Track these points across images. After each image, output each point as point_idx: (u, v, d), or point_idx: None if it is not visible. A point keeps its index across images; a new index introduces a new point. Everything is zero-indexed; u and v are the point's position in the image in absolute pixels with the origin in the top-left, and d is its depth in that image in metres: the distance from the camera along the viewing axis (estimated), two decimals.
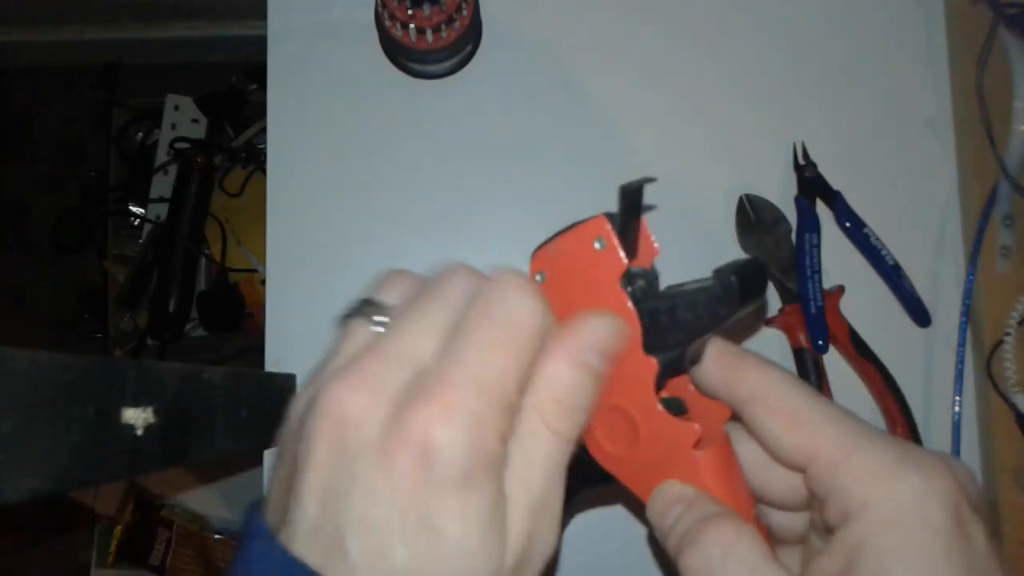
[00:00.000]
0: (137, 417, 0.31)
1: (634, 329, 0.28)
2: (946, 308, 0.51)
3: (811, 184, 0.52)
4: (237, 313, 1.11)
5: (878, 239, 0.51)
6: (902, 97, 0.54)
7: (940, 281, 0.52)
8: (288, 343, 0.52)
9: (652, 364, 0.27)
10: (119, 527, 0.96)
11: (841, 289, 0.51)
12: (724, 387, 0.28)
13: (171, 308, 1.10)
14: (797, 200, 0.52)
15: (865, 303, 0.51)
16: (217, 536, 0.96)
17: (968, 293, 0.50)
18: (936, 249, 0.52)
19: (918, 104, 0.54)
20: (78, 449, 0.27)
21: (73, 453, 0.27)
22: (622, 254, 0.28)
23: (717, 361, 0.29)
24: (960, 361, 0.50)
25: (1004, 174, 0.50)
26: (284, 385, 0.51)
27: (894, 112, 0.54)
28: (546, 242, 0.30)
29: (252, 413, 0.44)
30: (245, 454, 0.44)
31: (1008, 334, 0.49)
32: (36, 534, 1.15)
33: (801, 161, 0.53)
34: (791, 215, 0.52)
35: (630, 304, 0.28)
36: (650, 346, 0.28)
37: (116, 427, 0.30)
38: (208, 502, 0.99)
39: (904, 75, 0.54)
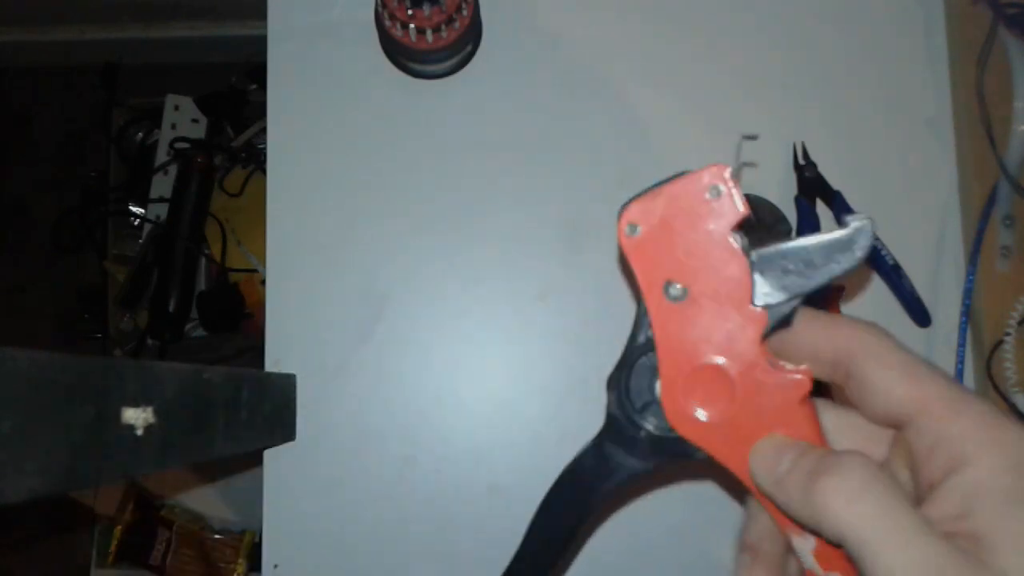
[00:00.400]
0: (137, 417, 0.31)
1: (744, 279, 0.27)
2: (946, 308, 0.51)
3: (811, 184, 0.52)
4: (237, 313, 1.11)
5: (878, 239, 0.51)
6: (902, 97, 0.54)
7: (940, 281, 0.52)
8: (288, 343, 0.52)
9: (762, 316, 0.27)
10: (119, 527, 0.96)
11: (841, 289, 0.51)
12: (829, 342, 0.27)
13: (171, 308, 1.10)
14: (797, 200, 0.52)
15: (865, 303, 0.51)
16: (217, 536, 0.96)
17: (968, 293, 0.50)
18: (936, 249, 0.52)
19: (918, 104, 0.54)
20: (78, 449, 0.27)
21: (73, 453, 0.27)
22: (740, 202, 0.28)
23: (816, 320, 0.28)
24: (960, 361, 0.50)
25: (1004, 174, 0.50)
26: (284, 385, 0.51)
27: (894, 112, 0.54)
28: (640, 194, 0.29)
29: (252, 413, 0.44)
30: (245, 454, 0.44)
31: (1008, 334, 0.49)
32: (36, 534, 1.15)
33: (801, 161, 0.53)
34: (791, 215, 0.52)
35: (742, 253, 0.28)
36: (758, 299, 0.27)
37: (116, 427, 0.30)
38: (208, 502, 0.99)
39: (904, 75, 0.54)
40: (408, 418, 0.52)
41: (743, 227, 0.30)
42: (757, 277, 0.27)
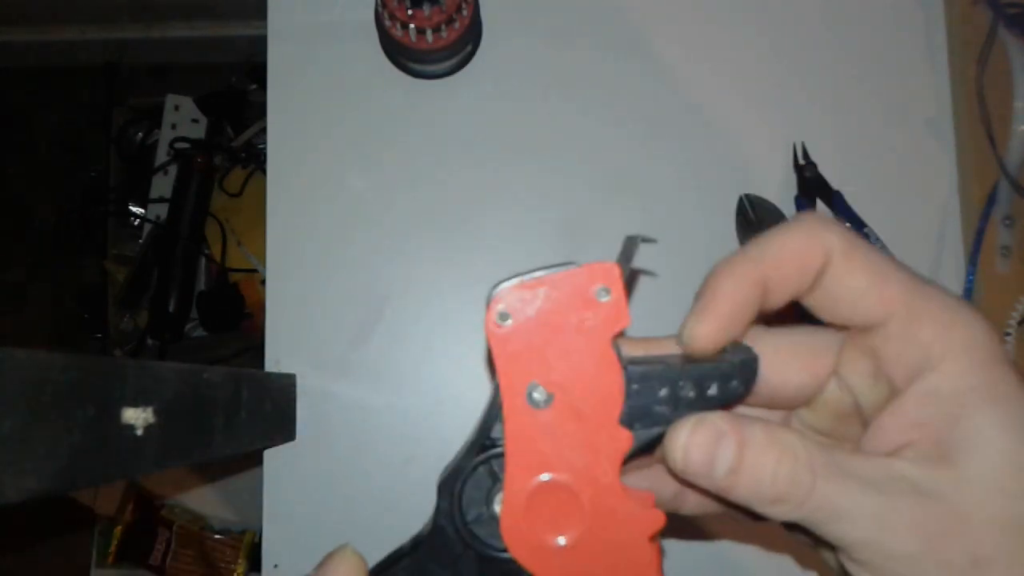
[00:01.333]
0: (137, 417, 0.31)
1: (616, 395, 0.25)
2: None
3: (811, 184, 0.52)
4: (237, 313, 1.11)
5: (878, 239, 0.51)
6: (902, 97, 0.54)
7: (940, 281, 0.52)
8: (288, 343, 0.52)
9: (627, 438, 0.25)
10: (119, 527, 0.96)
11: None
12: (797, 254, 0.25)
13: (171, 308, 1.10)
14: (797, 200, 0.52)
15: None
16: (217, 536, 0.96)
17: (968, 293, 0.50)
18: (936, 249, 0.52)
19: (918, 104, 0.54)
20: (78, 449, 0.27)
21: (73, 453, 0.27)
22: (625, 311, 0.25)
23: (793, 227, 0.26)
24: None
25: (1004, 174, 0.50)
26: (284, 385, 0.51)
27: (894, 112, 0.54)
28: (518, 277, 0.25)
29: (252, 413, 0.44)
30: (245, 454, 0.44)
31: (1008, 334, 0.49)
32: (36, 534, 1.15)
33: (801, 161, 0.53)
34: (791, 215, 0.52)
35: (620, 366, 0.25)
36: (627, 418, 0.25)
37: (116, 427, 0.30)
38: (208, 502, 0.99)
39: (904, 75, 0.54)
40: (408, 418, 0.52)
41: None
42: (631, 394, 0.25)
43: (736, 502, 0.24)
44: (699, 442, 0.24)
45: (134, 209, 1.20)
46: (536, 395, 0.25)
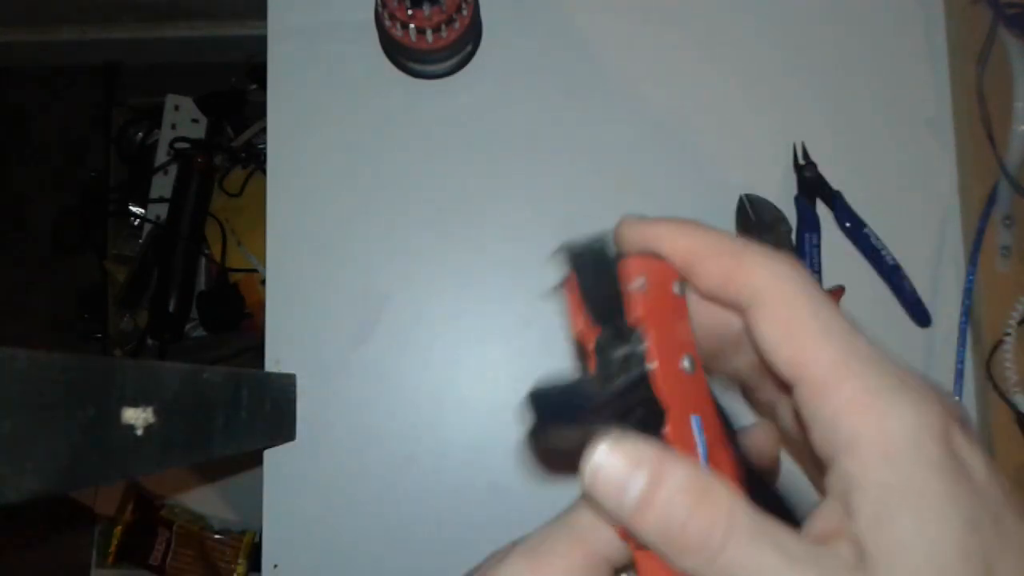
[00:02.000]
0: (137, 417, 0.31)
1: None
2: (946, 308, 0.51)
3: (811, 184, 0.52)
4: (237, 313, 1.11)
5: (878, 239, 0.51)
6: (902, 97, 0.54)
7: (940, 281, 0.52)
8: (288, 343, 0.52)
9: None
10: (119, 527, 0.96)
11: (841, 289, 0.51)
12: (722, 288, 0.24)
13: (171, 308, 1.10)
14: (797, 200, 0.52)
15: (865, 303, 0.51)
16: (217, 536, 0.96)
17: (968, 293, 0.50)
18: (936, 249, 0.52)
19: (918, 104, 0.54)
20: (78, 449, 0.27)
21: (73, 453, 0.27)
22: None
23: (718, 257, 0.24)
24: (960, 361, 0.50)
25: (1004, 174, 0.50)
26: (284, 385, 0.51)
27: (894, 112, 0.54)
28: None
29: (252, 413, 0.44)
30: (245, 454, 0.44)
31: (1008, 334, 0.49)
32: (36, 534, 1.15)
33: (801, 161, 0.53)
34: (791, 215, 0.52)
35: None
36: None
37: (116, 427, 0.30)
38: (208, 502, 0.99)
39: (904, 75, 0.54)
40: (408, 418, 0.52)
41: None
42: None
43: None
44: (613, 463, 0.21)
45: (134, 209, 1.20)
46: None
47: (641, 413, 0.23)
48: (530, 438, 0.26)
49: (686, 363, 0.24)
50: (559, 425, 0.25)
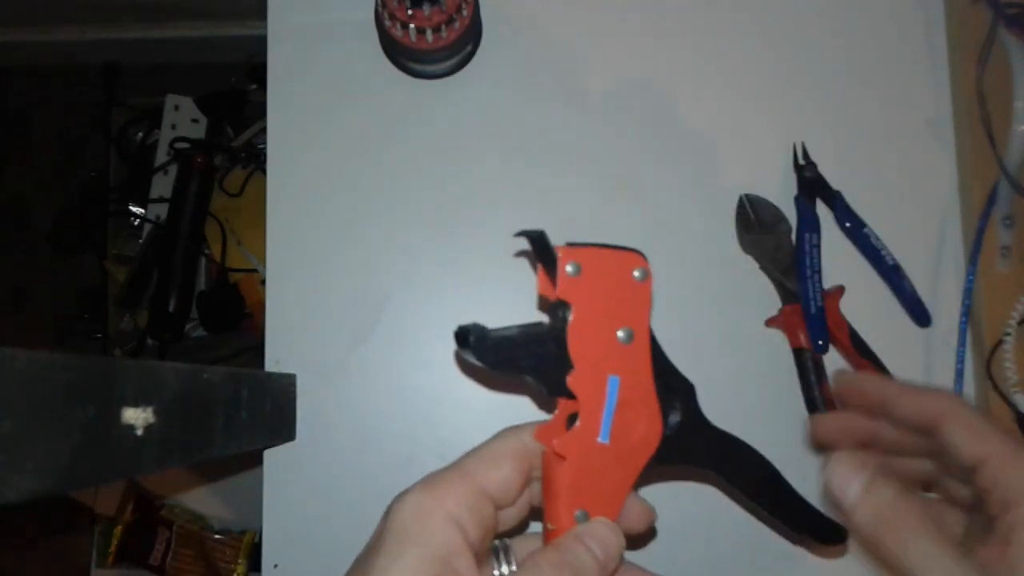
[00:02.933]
0: (137, 417, 0.31)
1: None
2: (946, 308, 0.51)
3: (811, 184, 0.52)
4: (237, 313, 1.11)
5: (878, 239, 0.51)
6: (902, 97, 0.54)
7: (940, 281, 0.52)
8: (288, 343, 0.52)
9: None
10: (119, 527, 0.96)
11: (841, 289, 0.51)
12: (916, 415, 0.36)
13: (171, 308, 1.10)
14: (797, 200, 0.52)
15: (865, 303, 0.51)
16: (217, 536, 0.96)
17: (968, 293, 0.50)
18: (936, 249, 0.52)
19: (918, 104, 0.54)
20: (78, 449, 0.27)
21: (73, 453, 0.27)
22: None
23: (912, 391, 0.37)
24: (960, 361, 0.50)
25: (1004, 174, 0.50)
26: (284, 385, 0.51)
27: (894, 112, 0.54)
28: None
29: (252, 413, 0.44)
30: (245, 454, 0.44)
31: (1008, 334, 0.49)
32: (36, 534, 1.15)
33: (801, 161, 0.53)
34: (791, 215, 0.52)
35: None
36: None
37: (116, 427, 0.30)
38: (208, 502, 0.99)
39: (904, 75, 0.54)
40: (408, 418, 0.52)
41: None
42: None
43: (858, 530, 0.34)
44: (839, 468, 0.34)
45: (134, 209, 1.20)
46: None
47: (554, 361, 0.31)
48: (460, 357, 0.34)
49: (621, 334, 0.32)
50: (493, 354, 0.31)
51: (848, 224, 0.52)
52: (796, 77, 0.54)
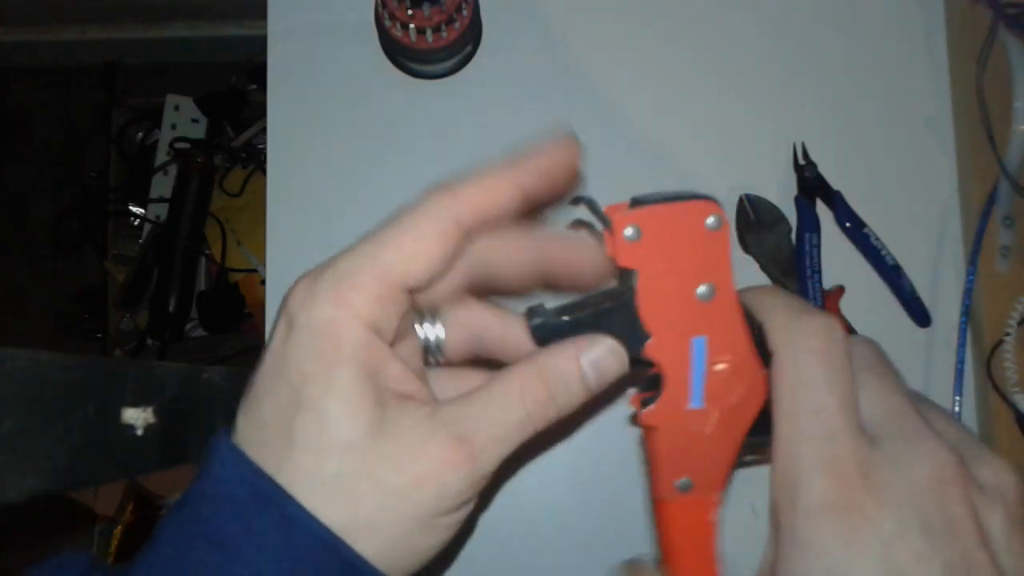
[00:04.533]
0: (137, 417, 0.31)
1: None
2: (946, 308, 0.51)
3: (811, 184, 0.52)
4: (237, 313, 1.11)
5: (878, 239, 0.51)
6: (902, 97, 0.54)
7: (940, 281, 0.52)
8: None
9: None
10: (119, 527, 0.96)
11: (841, 289, 0.51)
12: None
13: (171, 308, 1.10)
14: (797, 200, 0.52)
15: (865, 303, 0.51)
16: None
17: (968, 293, 0.50)
18: (936, 249, 0.52)
19: (918, 104, 0.54)
20: (78, 449, 0.27)
21: (73, 453, 0.27)
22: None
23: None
24: (960, 361, 0.50)
25: (1004, 174, 0.50)
26: None
27: (894, 112, 0.54)
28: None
29: None
30: None
31: (1008, 334, 0.49)
32: (36, 534, 1.16)
33: (801, 161, 0.53)
34: (791, 215, 0.52)
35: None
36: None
37: (116, 427, 0.30)
38: None
39: (904, 75, 0.54)
40: None
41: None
42: None
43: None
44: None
45: (134, 209, 1.20)
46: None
47: (630, 333, 0.29)
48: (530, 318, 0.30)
49: (701, 290, 0.29)
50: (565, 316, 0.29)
51: (848, 224, 0.52)
52: (796, 77, 0.54)
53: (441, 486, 0.26)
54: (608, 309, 0.29)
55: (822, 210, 0.52)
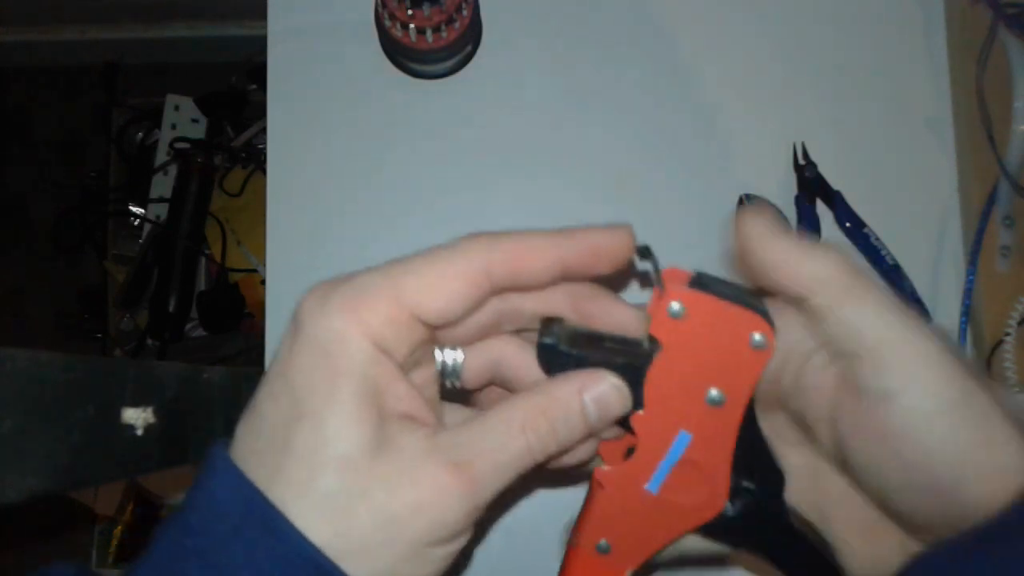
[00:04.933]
0: (137, 417, 0.31)
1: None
2: (946, 308, 0.51)
3: (811, 184, 0.52)
4: (237, 313, 1.11)
5: (878, 239, 0.51)
6: (902, 97, 0.54)
7: (940, 281, 0.52)
8: None
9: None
10: (119, 527, 0.96)
11: None
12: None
13: (171, 308, 1.10)
14: (797, 200, 0.52)
15: None
16: None
17: (968, 293, 0.50)
18: (936, 249, 0.52)
19: (918, 104, 0.54)
20: (78, 449, 0.27)
21: (73, 453, 0.27)
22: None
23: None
24: None
25: (1004, 174, 0.50)
26: None
27: (894, 112, 0.54)
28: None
29: None
30: None
31: (1008, 334, 0.49)
32: (36, 534, 1.15)
33: (801, 161, 0.53)
34: (791, 215, 0.52)
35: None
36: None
37: (116, 427, 0.30)
38: None
39: (904, 75, 0.54)
40: None
41: None
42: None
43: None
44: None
45: (134, 209, 1.20)
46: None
47: (633, 391, 0.28)
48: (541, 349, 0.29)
49: (712, 394, 0.28)
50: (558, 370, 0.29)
51: (848, 224, 0.52)
52: (796, 77, 0.54)
53: (436, 513, 0.25)
54: (617, 364, 0.28)
55: (822, 210, 0.52)
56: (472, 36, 0.53)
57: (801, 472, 0.31)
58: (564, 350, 0.29)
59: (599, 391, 0.28)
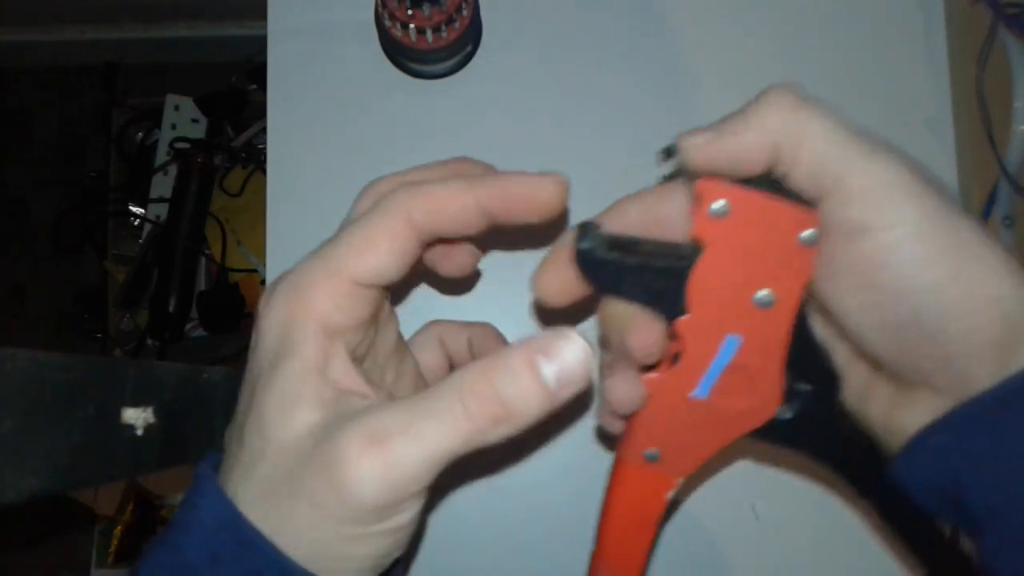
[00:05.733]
0: (137, 417, 0.31)
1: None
2: None
3: None
4: (237, 313, 1.11)
5: None
6: (902, 97, 0.54)
7: None
8: None
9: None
10: (119, 527, 0.96)
11: None
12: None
13: (171, 308, 1.10)
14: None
15: None
16: None
17: None
18: None
19: (918, 104, 0.54)
20: (78, 449, 0.27)
21: (73, 453, 0.27)
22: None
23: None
24: None
25: (1004, 174, 0.50)
26: None
27: (894, 112, 0.54)
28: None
29: None
30: None
31: None
32: (36, 534, 1.16)
33: None
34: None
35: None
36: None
37: (116, 427, 0.30)
38: None
39: (904, 75, 0.54)
40: None
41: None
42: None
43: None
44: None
45: (134, 209, 1.20)
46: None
47: (670, 299, 0.27)
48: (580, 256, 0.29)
49: (761, 295, 0.27)
50: (599, 276, 0.28)
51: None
52: (796, 77, 0.54)
53: (347, 489, 0.23)
54: (658, 268, 0.27)
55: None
56: (472, 36, 0.53)
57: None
58: (601, 256, 0.28)
59: (559, 361, 0.25)
